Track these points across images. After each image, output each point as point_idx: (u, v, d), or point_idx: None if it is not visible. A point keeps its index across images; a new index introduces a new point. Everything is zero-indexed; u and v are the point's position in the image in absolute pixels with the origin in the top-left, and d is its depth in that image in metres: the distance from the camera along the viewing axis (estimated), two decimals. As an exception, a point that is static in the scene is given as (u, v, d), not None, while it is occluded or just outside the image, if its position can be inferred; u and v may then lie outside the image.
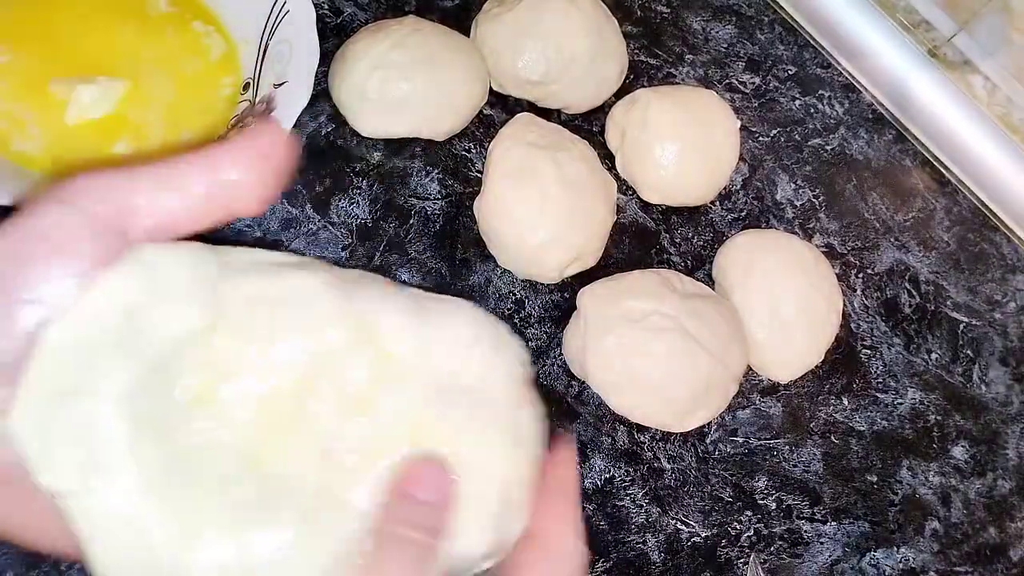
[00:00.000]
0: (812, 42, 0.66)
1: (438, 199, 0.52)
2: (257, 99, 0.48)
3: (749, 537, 0.49)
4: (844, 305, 0.55)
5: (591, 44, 0.55)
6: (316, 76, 0.47)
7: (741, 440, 0.51)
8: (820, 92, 0.64)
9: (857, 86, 0.65)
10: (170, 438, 0.23)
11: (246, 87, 0.49)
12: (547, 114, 0.56)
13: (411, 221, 0.51)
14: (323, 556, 0.24)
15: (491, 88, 0.55)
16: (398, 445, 0.25)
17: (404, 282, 0.49)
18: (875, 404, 0.55)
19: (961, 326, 0.59)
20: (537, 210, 0.49)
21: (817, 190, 0.60)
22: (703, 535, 0.48)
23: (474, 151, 0.54)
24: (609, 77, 0.57)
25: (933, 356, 0.57)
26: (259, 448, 0.24)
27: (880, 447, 0.54)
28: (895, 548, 0.51)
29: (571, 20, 0.54)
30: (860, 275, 0.58)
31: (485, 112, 0.55)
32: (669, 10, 0.63)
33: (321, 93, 0.52)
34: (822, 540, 0.50)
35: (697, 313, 0.48)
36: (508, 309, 0.50)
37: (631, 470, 0.48)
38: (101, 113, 0.46)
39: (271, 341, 0.25)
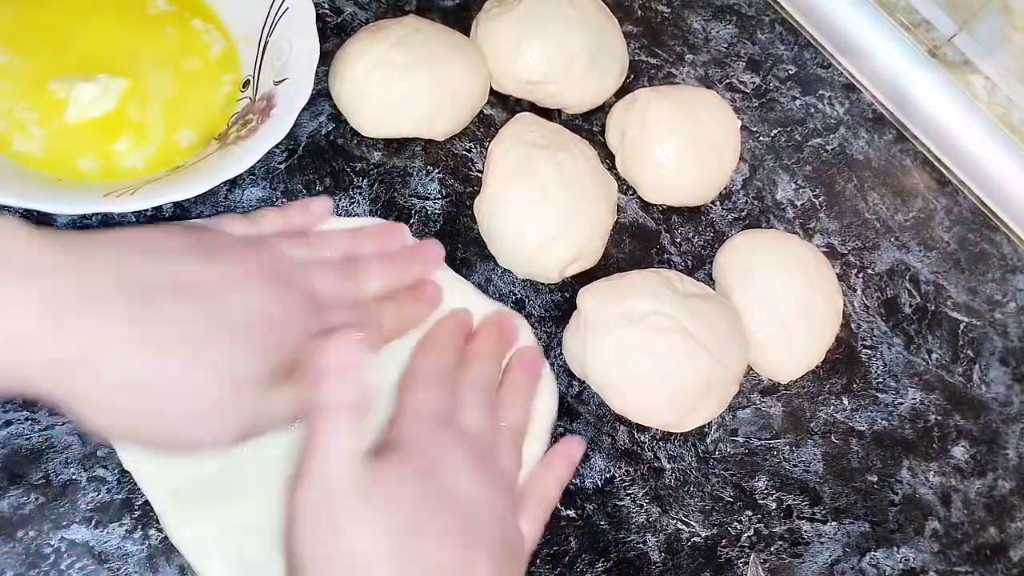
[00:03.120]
0: (812, 42, 0.66)
1: (438, 199, 0.52)
2: (257, 96, 0.48)
3: (749, 537, 0.49)
4: (844, 305, 0.55)
5: (591, 44, 0.55)
6: (316, 75, 0.47)
7: (741, 440, 0.51)
8: (820, 92, 0.64)
9: (857, 86, 0.65)
10: None
11: (246, 84, 0.49)
12: (547, 114, 0.56)
13: (411, 221, 0.51)
14: None
15: (491, 88, 0.55)
16: None
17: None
18: (875, 404, 0.55)
19: (961, 326, 0.59)
20: (537, 210, 0.49)
21: (817, 190, 0.60)
22: (703, 535, 0.48)
23: (474, 151, 0.54)
24: (609, 77, 0.57)
25: (933, 356, 0.57)
26: None
27: (880, 447, 0.54)
28: (895, 548, 0.51)
29: (571, 20, 0.54)
30: (860, 275, 0.58)
31: (485, 112, 0.55)
32: (669, 10, 0.63)
33: (321, 92, 0.52)
34: (822, 540, 0.50)
35: (697, 313, 0.48)
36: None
37: (631, 470, 0.48)
38: (101, 111, 0.46)
39: None
